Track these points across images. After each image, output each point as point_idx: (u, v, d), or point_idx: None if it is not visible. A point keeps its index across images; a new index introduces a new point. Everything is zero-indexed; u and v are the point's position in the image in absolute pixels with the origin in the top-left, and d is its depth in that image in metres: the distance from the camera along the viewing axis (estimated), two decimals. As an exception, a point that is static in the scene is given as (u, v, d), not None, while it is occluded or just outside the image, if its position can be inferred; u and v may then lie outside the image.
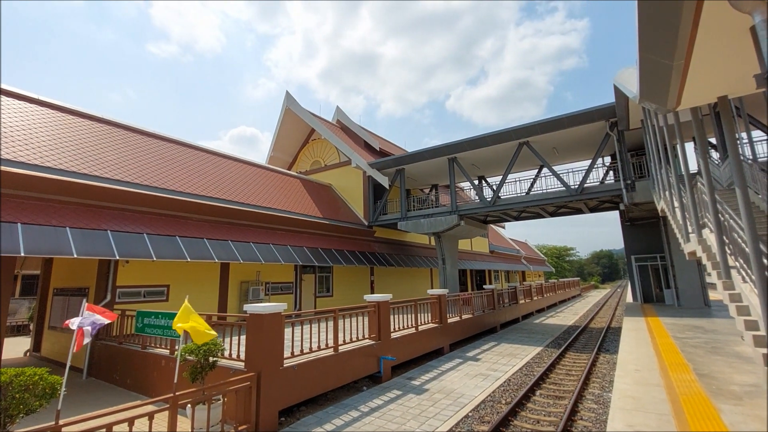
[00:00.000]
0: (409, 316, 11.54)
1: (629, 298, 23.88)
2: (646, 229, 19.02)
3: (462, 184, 28.23)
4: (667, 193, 10.85)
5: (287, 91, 25.05)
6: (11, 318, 19.06)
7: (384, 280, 22.89)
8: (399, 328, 10.68)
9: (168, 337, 8.01)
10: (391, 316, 10.31)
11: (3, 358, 10.40)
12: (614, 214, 21.82)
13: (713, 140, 14.23)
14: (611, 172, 18.18)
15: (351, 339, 8.96)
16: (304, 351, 7.70)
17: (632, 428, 4.35)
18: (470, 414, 7.06)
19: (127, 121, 15.67)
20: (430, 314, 12.65)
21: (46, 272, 13.78)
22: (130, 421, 4.80)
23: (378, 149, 25.69)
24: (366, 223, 21.62)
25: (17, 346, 14.61)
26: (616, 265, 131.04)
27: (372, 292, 21.52)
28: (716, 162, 12.80)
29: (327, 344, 8.24)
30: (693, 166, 10.98)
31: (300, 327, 8.99)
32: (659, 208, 12.84)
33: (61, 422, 4.27)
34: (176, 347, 8.04)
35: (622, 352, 8.24)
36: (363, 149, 24.80)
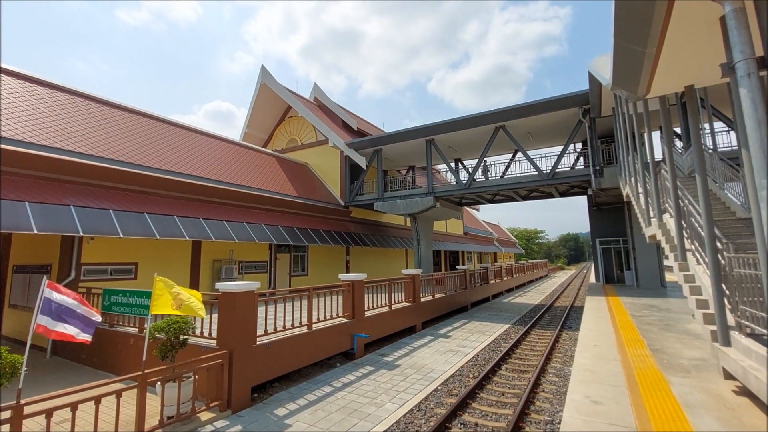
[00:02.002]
0: (384, 295, 11.71)
1: (592, 279, 25.06)
2: (611, 214, 19.83)
3: (439, 167, 28.39)
4: (632, 179, 11.30)
5: (263, 66, 24.16)
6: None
7: (359, 260, 23.01)
8: (373, 306, 10.83)
9: (137, 315, 7.84)
10: (366, 295, 10.43)
11: (-43, 337, 9.91)
12: (582, 199, 22.60)
13: (678, 130, 14.83)
14: (582, 158, 18.71)
15: (325, 317, 9.03)
16: (278, 329, 7.71)
17: (589, 398, 4.64)
18: (439, 388, 7.33)
19: (91, 92, 14.77)
20: (403, 293, 12.88)
21: (5, 248, 13.03)
22: (97, 400, 4.73)
23: (356, 129, 25.36)
24: (342, 203, 21.51)
25: (-28, 325, 13.92)
26: (581, 248, 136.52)
27: (347, 272, 21.63)
28: (679, 151, 13.38)
29: (301, 322, 8.28)
30: (658, 154, 11.45)
31: (274, 305, 8.96)
32: (624, 194, 13.37)
33: (22, 401, 4.15)
34: (145, 325, 7.87)
35: (583, 329, 8.69)
36: (341, 128, 24.42)
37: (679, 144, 14.35)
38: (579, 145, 19.27)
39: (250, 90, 24.49)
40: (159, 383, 5.54)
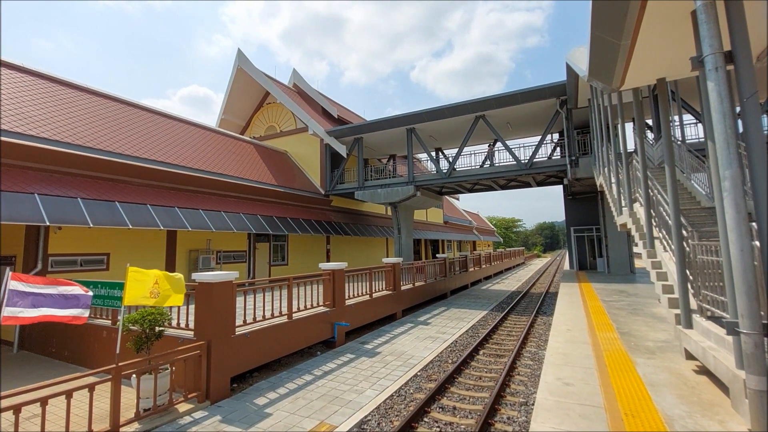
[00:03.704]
0: (364, 283, 11.76)
1: (567, 266, 25.85)
2: (585, 203, 20.42)
3: (420, 155, 28.45)
4: (606, 169, 11.63)
5: (239, 49, 23.42)
6: None
7: (340, 249, 22.97)
8: (354, 295, 10.87)
9: (109, 308, 7.63)
10: (347, 284, 10.45)
11: None
12: (559, 189, 23.16)
13: (650, 122, 15.30)
14: (558, 149, 19.10)
15: (306, 306, 9.01)
16: (257, 319, 7.65)
17: (561, 380, 4.83)
18: (419, 373, 7.47)
19: (56, 74, 14.01)
20: (384, 282, 12.96)
21: (-38, 239, 12.39)
22: (68, 394, 4.60)
23: (336, 117, 25.02)
24: (323, 192, 21.33)
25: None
26: (557, 236, 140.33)
27: (328, 261, 21.57)
28: (650, 142, 13.82)
29: (281, 312, 8.23)
30: (630, 145, 11.78)
31: (253, 295, 8.89)
32: (598, 184, 13.76)
33: (-12, 397, 3.99)
34: (118, 317, 7.67)
35: (557, 314, 8.99)
36: (321, 116, 24.05)
37: (650, 135, 14.82)
38: (556, 136, 19.65)
39: (227, 75, 23.77)
40: (134, 376, 5.43)
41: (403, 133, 19.44)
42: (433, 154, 22.25)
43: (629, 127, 16.66)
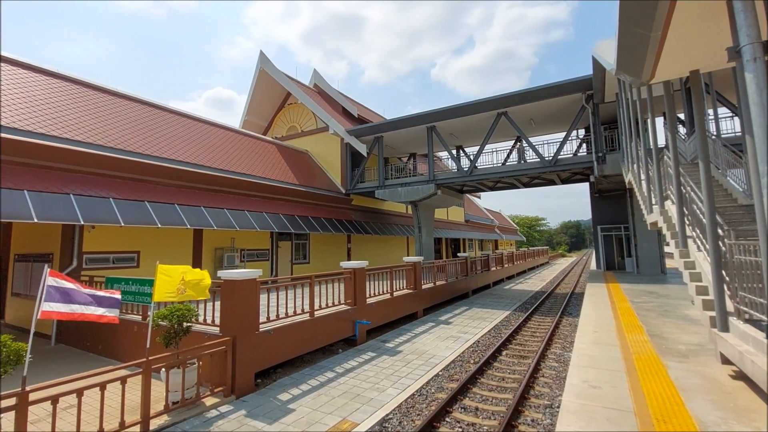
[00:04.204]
0: (385, 282, 11.78)
1: (593, 265, 25.15)
2: (613, 201, 19.79)
3: (440, 154, 28.23)
4: (635, 165, 11.23)
5: (261, 51, 23.84)
6: (-31, 284, 18.21)
7: (361, 248, 23.08)
8: (375, 293, 10.91)
9: (140, 303, 7.90)
10: (367, 283, 10.49)
11: (-37, 325, 10.03)
12: (584, 186, 22.52)
13: (682, 116, 14.67)
14: (584, 145, 18.58)
15: (327, 304, 9.10)
16: (280, 316, 7.78)
17: (588, 383, 4.70)
18: (440, 373, 7.42)
19: (87, 78, 14.63)
20: (405, 280, 12.95)
21: (5, 237, 13.10)
22: (102, 386, 4.80)
23: (356, 116, 25.14)
24: (343, 191, 21.47)
25: (-22, 313, 14.08)
26: (583, 235, 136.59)
27: (349, 259, 21.72)
28: (683, 137, 13.26)
29: (303, 309, 8.35)
30: (661, 141, 11.34)
31: (276, 293, 9.03)
32: (627, 181, 13.31)
33: (28, 388, 4.22)
34: (148, 313, 7.95)
35: (583, 315, 8.75)
36: (341, 115, 24.21)
37: (682, 130, 14.22)
38: (582, 132, 19.12)
39: (250, 76, 24.24)
40: (163, 369, 5.62)
41: (424, 132, 19.34)
42: (454, 152, 22.06)
43: (660, 121, 16.04)
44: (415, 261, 13.06)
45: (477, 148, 18.20)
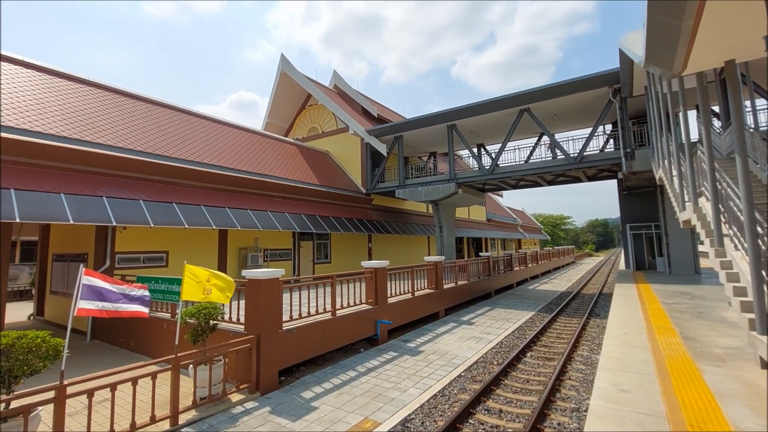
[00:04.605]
0: (406, 282, 11.76)
1: (622, 265, 24.35)
2: (642, 198, 19.10)
3: (461, 152, 27.96)
4: (666, 161, 10.79)
5: (282, 54, 24.21)
6: (13, 283, 19.29)
7: (381, 247, 23.12)
8: (396, 293, 10.91)
9: (168, 301, 8.18)
10: (388, 282, 10.50)
11: (7, 322, 10.61)
12: (612, 183, 21.83)
13: (716, 108, 14.00)
14: (611, 141, 18.00)
15: (349, 304, 9.16)
16: (303, 315, 7.88)
17: (617, 387, 4.54)
18: (463, 374, 7.34)
19: (117, 85, 15.25)
20: (426, 280, 12.88)
21: (45, 238, 13.81)
22: (134, 381, 4.98)
23: (376, 116, 25.19)
24: (364, 191, 21.56)
25: (21, 311, 14.88)
26: (610, 234, 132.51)
27: (369, 259, 21.79)
28: (717, 130, 12.65)
29: (325, 308, 8.43)
30: (694, 135, 10.87)
31: (298, 292, 9.17)
32: (657, 177, 12.81)
33: (65, 382, 4.41)
34: (177, 311, 8.20)
35: (611, 316, 8.48)
36: (361, 116, 24.32)
37: (717, 123, 13.57)
38: (609, 127, 18.53)
39: (272, 79, 24.65)
40: (191, 366, 5.79)
41: (444, 130, 19.18)
42: (475, 150, 21.79)
43: (692, 114, 15.37)
44: (436, 260, 12.97)
45: (498, 145, 17.91)
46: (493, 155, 17.99)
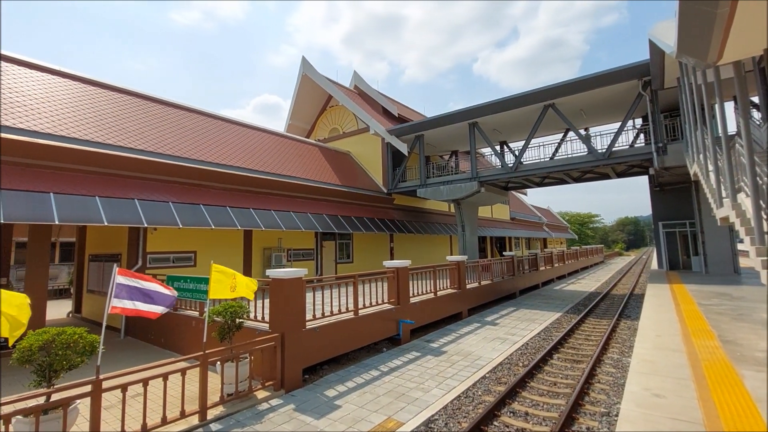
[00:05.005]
0: (428, 281, 11.69)
1: (654, 265, 23.42)
2: (676, 195, 18.31)
3: (483, 150, 27.55)
4: (701, 156, 10.29)
5: (303, 57, 24.51)
6: (53, 282, 20.33)
7: (403, 247, 23.08)
8: (418, 293, 10.86)
9: (197, 300, 8.41)
10: (410, 282, 10.46)
11: (48, 319, 11.18)
12: (643, 180, 21.01)
13: (755, 99, 13.25)
14: (642, 135, 17.32)
15: (371, 303, 9.18)
16: (326, 314, 7.95)
17: (650, 391, 4.36)
18: (487, 375, 7.23)
19: (146, 91, 15.80)
20: (448, 280, 12.77)
21: (81, 239, 14.50)
22: (165, 376, 5.15)
23: (397, 115, 25.17)
24: (385, 191, 21.57)
25: (61, 308, 15.67)
26: (642, 232, 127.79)
27: (391, 259, 21.79)
28: (757, 122, 11.97)
29: (347, 308, 8.47)
30: (731, 128, 10.29)
31: (321, 291, 9.27)
32: (692, 173, 12.24)
33: (101, 376, 4.61)
34: (205, 309, 8.43)
35: (643, 318, 8.16)
36: (381, 115, 24.34)
37: (756, 115, 12.85)
38: (639, 121, 17.85)
39: (294, 82, 25.02)
40: (219, 363, 5.94)
41: (465, 128, 18.96)
42: (498, 147, 21.42)
43: (729, 106, 14.60)
44: (458, 260, 12.83)
45: (522, 143, 17.53)
46: (517, 153, 17.63)
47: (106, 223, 9.26)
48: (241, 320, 6.58)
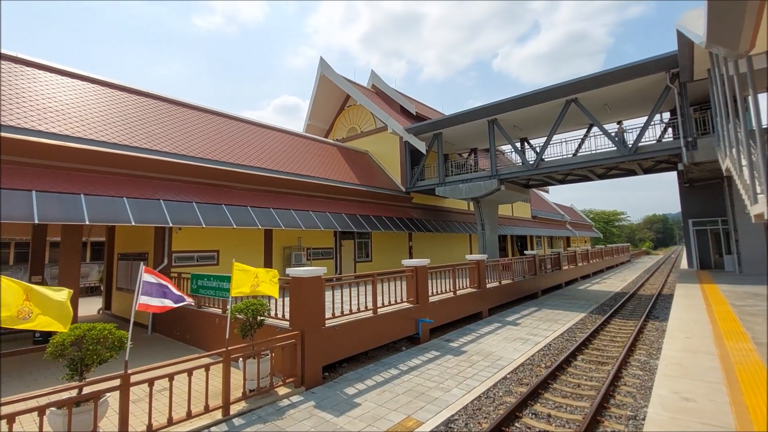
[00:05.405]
0: (448, 280, 11.61)
1: (684, 264, 22.58)
2: (706, 191, 17.59)
3: (503, 147, 27.16)
4: (734, 150, 9.84)
5: (321, 58, 24.71)
6: (84, 280, 21.19)
7: (422, 246, 22.99)
8: (437, 292, 10.79)
9: (220, 298, 8.61)
10: (429, 281, 10.41)
11: (80, 315, 11.67)
12: (671, 176, 20.26)
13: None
14: (670, 129, 16.71)
15: (390, 302, 9.18)
16: (345, 312, 8.00)
17: (678, 395, 4.21)
18: (508, 376, 7.12)
19: (170, 95, 16.25)
20: (468, 279, 12.64)
21: (110, 239, 15.06)
22: (189, 372, 5.29)
23: (414, 114, 25.07)
24: (403, 189, 21.53)
25: (92, 305, 16.32)
26: (670, 231, 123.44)
27: (410, 258, 21.74)
28: (796, 113, 11.36)
29: (366, 306, 8.50)
30: (765, 120, 9.81)
31: (340, 290, 9.33)
32: (724, 168, 11.71)
33: (129, 371, 4.78)
34: (227, 307, 8.63)
35: (672, 319, 7.87)
36: (399, 114, 24.29)
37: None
38: (666, 115, 17.22)
39: (312, 83, 25.25)
40: (241, 359, 6.06)
41: (485, 126, 18.72)
42: (518, 144, 21.06)
43: (763, 98, 13.91)
44: (478, 259, 12.69)
45: (543, 139, 17.17)
46: (538, 149, 17.29)
47: (133, 223, 9.58)
48: (262, 318, 6.70)
